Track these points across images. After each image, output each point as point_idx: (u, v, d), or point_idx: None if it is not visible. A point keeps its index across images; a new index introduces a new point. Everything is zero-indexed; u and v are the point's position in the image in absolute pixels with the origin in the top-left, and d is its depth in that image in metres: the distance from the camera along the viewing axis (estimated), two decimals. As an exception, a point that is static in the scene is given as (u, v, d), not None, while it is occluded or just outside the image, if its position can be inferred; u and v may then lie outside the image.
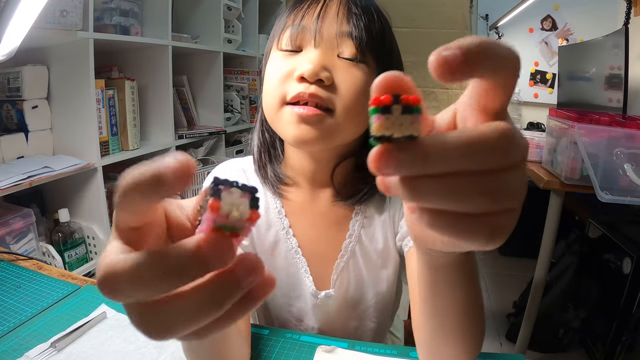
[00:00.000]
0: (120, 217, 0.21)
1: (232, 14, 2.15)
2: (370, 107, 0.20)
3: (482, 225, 0.20)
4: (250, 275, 0.20)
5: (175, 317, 0.19)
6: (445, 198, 0.19)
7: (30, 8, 0.68)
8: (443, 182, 0.19)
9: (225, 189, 0.20)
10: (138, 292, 0.19)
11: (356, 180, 0.62)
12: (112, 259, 0.19)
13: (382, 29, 0.57)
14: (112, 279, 0.19)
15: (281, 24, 0.59)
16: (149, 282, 0.18)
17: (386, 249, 0.63)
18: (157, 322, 0.20)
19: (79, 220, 1.51)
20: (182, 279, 0.18)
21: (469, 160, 0.19)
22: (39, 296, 0.67)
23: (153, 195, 0.19)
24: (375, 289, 0.64)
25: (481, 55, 0.18)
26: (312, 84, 0.51)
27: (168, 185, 0.18)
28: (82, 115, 1.42)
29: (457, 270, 0.34)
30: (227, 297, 0.19)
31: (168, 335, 0.20)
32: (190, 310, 0.19)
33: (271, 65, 0.57)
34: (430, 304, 0.39)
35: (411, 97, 0.20)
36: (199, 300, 0.19)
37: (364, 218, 0.63)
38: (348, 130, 0.55)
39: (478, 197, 0.19)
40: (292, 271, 0.63)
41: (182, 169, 0.18)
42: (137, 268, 0.18)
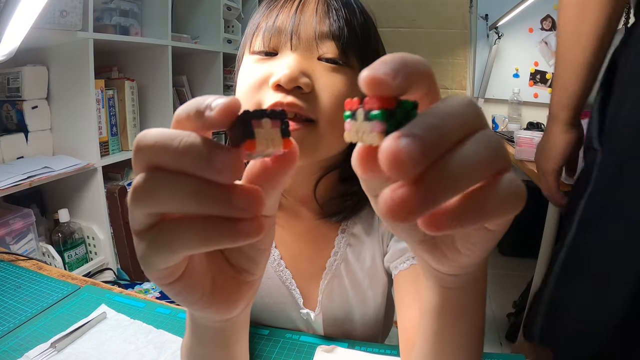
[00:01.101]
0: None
1: (231, 14, 2.15)
2: (344, 111, 0.20)
3: (501, 189, 0.19)
4: (247, 207, 0.20)
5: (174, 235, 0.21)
6: (454, 183, 0.18)
7: (30, 8, 0.68)
8: (445, 171, 0.18)
9: (256, 122, 0.20)
10: (162, 154, 0.20)
11: (342, 194, 0.57)
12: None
13: (365, 26, 0.51)
14: (150, 133, 0.21)
15: (254, 24, 0.52)
16: (179, 153, 0.20)
17: (374, 269, 0.59)
18: (159, 239, 0.21)
19: (78, 220, 1.51)
20: (200, 167, 0.19)
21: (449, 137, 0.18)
22: (38, 296, 0.67)
23: (199, 123, 0.20)
24: (362, 310, 0.61)
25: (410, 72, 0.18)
26: (290, 93, 0.45)
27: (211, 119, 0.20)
28: (82, 116, 1.42)
29: (464, 295, 0.31)
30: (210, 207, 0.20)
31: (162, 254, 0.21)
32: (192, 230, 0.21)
33: (244, 71, 0.51)
34: (433, 330, 0.35)
35: (376, 100, 0.18)
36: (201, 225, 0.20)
37: (350, 236, 0.59)
38: (332, 142, 0.49)
39: (480, 165, 0.18)
40: (276, 283, 0.60)
41: (226, 107, 0.20)
42: (175, 135, 0.20)
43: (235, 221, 0.20)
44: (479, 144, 0.19)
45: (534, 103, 2.60)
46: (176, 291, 0.25)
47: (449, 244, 0.25)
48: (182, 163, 0.20)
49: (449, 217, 0.19)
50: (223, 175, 0.19)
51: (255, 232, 0.20)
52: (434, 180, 0.17)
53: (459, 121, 0.18)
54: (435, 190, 0.17)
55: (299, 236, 0.60)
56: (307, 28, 0.48)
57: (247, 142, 0.19)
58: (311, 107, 0.46)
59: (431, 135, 0.17)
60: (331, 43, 0.48)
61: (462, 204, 0.19)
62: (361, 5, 0.53)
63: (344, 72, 0.49)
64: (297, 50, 0.48)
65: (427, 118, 0.18)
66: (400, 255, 0.55)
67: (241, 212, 0.20)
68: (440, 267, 0.27)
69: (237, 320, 0.33)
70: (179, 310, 0.65)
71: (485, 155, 0.19)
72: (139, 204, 0.21)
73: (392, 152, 0.17)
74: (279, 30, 0.48)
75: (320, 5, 0.49)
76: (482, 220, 0.19)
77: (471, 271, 0.28)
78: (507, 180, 0.19)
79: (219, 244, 0.21)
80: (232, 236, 0.20)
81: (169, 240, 0.21)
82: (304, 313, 0.60)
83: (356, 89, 0.19)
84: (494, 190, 0.19)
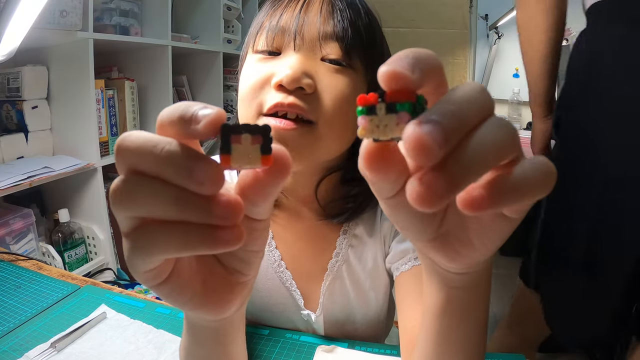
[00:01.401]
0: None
1: (231, 14, 2.15)
2: (357, 107, 0.19)
3: (535, 167, 0.20)
4: (227, 215, 0.20)
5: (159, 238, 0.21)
6: (476, 165, 0.19)
7: (30, 8, 0.68)
8: (467, 154, 0.18)
9: (235, 138, 0.19)
10: (143, 160, 0.20)
11: (343, 196, 0.57)
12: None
13: (370, 28, 0.51)
14: (131, 137, 0.20)
15: (257, 23, 0.52)
16: (159, 158, 0.20)
17: (375, 270, 0.59)
18: (145, 240, 0.21)
19: (78, 220, 1.51)
20: (181, 178, 0.20)
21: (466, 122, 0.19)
22: (38, 296, 0.67)
23: (182, 131, 0.21)
24: (364, 311, 0.60)
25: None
26: (292, 93, 0.45)
27: (193, 129, 0.20)
28: (82, 116, 1.42)
29: (470, 294, 0.31)
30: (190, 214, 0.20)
31: (148, 254, 0.21)
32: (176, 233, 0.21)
33: (246, 70, 0.50)
34: (436, 330, 0.35)
35: (399, 93, 0.18)
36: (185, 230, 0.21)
37: (352, 237, 0.59)
38: (332, 144, 0.49)
39: (498, 147, 0.19)
40: (276, 284, 0.60)
41: (210, 120, 0.20)
42: (157, 141, 0.20)
43: (214, 228, 0.20)
44: (495, 127, 0.19)
45: (534, 103, 2.61)
46: (165, 292, 0.25)
47: (463, 239, 0.25)
48: (162, 171, 0.20)
49: (489, 196, 0.19)
50: (204, 188, 0.19)
51: (235, 240, 0.21)
52: (457, 164, 0.18)
53: (474, 107, 0.19)
54: (459, 173, 0.18)
55: (300, 236, 0.60)
56: (311, 28, 0.48)
57: (222, 157, 0.20)
58: (312, 109, 0.46)
59: (450, 120, 0.18)
60: (335, 44, 0.48)
61: (499, 184, 0.19)
62: (366, 6, 0.53)
63: (347, 73, 0.48)
64: (300, 50, 0.47)
65: (445, 105, 0.18)
66: (402, 257, 0.55)
67: (221, 220, 0.20)
68: (451, 265, 0.27)
69: (232, 320, 0.33)
70: (179, 310, 0.65)
71: (502, 137, 0.19)
72: (119, 207, 0.21)
73: (418, 138, 0.17)
74: (282, 30, 0.48)
75: (325, 6, 0.49)
76: (521, 197, 0.20)
77: (479, 269, 0.28)
78: (537, 159, 0.20)
79: (198, 250, 0.21)
80: (211, 243, 0.20)
81: (148, 243, 0.21)
82: (305, 314, 0.60)
83: (359, 91, 0.19)
84: (524, 170, 0.20)
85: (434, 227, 0.26)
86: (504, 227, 0.24)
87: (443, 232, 0.26)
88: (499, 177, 0.20)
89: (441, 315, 0.33)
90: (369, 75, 0.50)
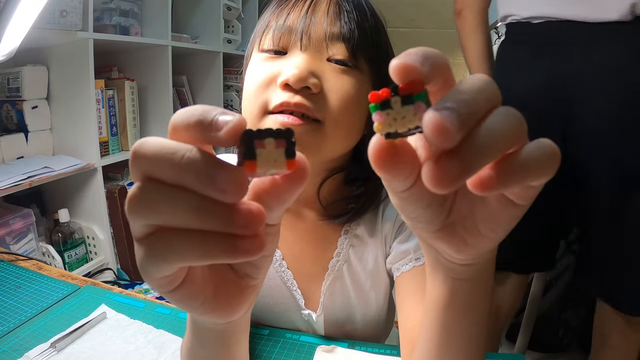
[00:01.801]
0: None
1: (231, 14, 2.15)
2: (369, 104, 0.19)
3: (539, 148, 0.21)
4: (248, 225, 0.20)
5: (174, 246, 0.20)
6: (489, 149, 0.20)
7: (30, 8, 0.68)
8: (480, 139, 0.19)
9: (259, 143, 0.19)
10: (162, 167, 0.20)
11: (345, 197, 0.57)
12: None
13: (376, 29, 0.52)
14: (148, 143, 0.20)
15: (264, 22, 0.52)
16: (178, 166, 0.19)
17: (376, 270, 0.59)
18: (158, 248, 0.21)
19: (78, 220, 1.51)
20: (201, 184, 0.19)
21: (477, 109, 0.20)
22: (38, 296, 0.67)
23: (200, 136, 0.20)
24: (364, 311, 0.60)
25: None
26: (298, 93, 0.45)
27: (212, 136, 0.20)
28: (82, 116, 1.42)
29: (474, 286, 0.31)
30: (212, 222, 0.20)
31: (161, 261, 0.21)
32: (192, 242, 0.20)
33: (252, 69, 0.50)
34: (439, 324, 0.35)
35: (411, 84, 0.19)
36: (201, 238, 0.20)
37: (353, 237, 0.59)
38: (337, 143, 0.50)
39: (508, 132, 0.20)
40: (277, 284, 0.60)
41: (231, 129, 0.19)
42: (177, 148, 0.20)
43: (235, 238, 0.20)
44: (504, 115, 0.21)
45: (534, 103, 2.61)
46: (177, 299, 0.24)
47: (470, 228, 0.26)
48: (183, 178, 0.20)
49: (498, 176, 0.20)
50: (227, 195, 0.19)
51: (256, 250, 0.20)
52: (470, 149, 0.19)
53: (483, 97, 0.20)
54: (472, 157, 0.19)
55: (302, 236, 0.60)
56: (318, 29, 0.48)
57: (247, 163, 0.19)
58: (318, 108, 0.46)
59: (464, 107, 0.19)
60: (341, 45, 0.48)
61: (506, 164, 0.20)
62: (372, 8, 0.53)
63: (352, 74, 0.48)
64: (306, 50, 0.48)
65: (458, 94, 0.19)
66: (402, 257, 0.55)
67: (243, 229, 0.20)
68: (458, 255, 0.28)
69: (239, 322, 0.32)
70: (179, 310, 0.65)
71: (511, 124, 0.20)
72: (135, 215, 0.21)
73: (439, 121, 0.18)
74: (289, 30, 0.48)
75: (332, 7, 0.49)
76: (527, 176, 0.21)
77: (483, 261, 0.29)
78: (541, 141, 0.21)
79: (217, 259, 0.20)
80: (232, 253, 0.20)
81: (165, 250, 0.21)
82: (305, 314, 0.60)
83: (364, 92, 0.20)
84: (530, 151, 0.21)
85: (442, 216, 0.26)
86: (511, 213, 0.24)
87: (451, 222, 0.26)
88: (506, 158, 0.20)
89: (445, 308, 0.33)
90: (374, 77, 0.51)
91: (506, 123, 0.20)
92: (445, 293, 0.32)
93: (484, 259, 0.29)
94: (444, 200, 0.26)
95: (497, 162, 0.20)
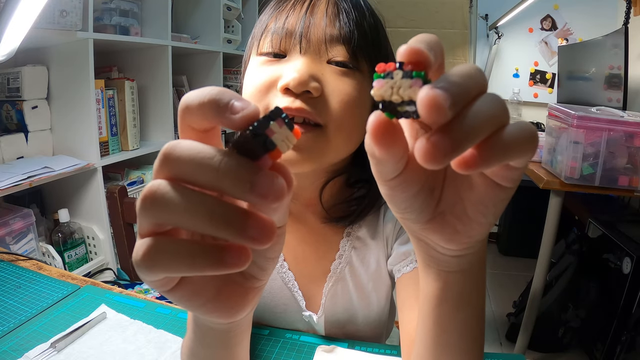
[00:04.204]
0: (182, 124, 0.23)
1: (231, 14, 2.15)
2: (374, 73, 0.21)
3: (516, 130, 0.22)
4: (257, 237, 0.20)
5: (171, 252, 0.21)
6: (476, 130, 0.21)
7: (30, 8, 0.68)
8: (468, 120, 0.21)
9: (269, 132, 0.20)
10: (199, 171, 0.20)
11: (347, 199, 0.57)
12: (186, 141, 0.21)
13: (375, 28, 0.51)
14: (182, 146, 0.21)
15: (262, 25, 0.51)
16: (209, 170, 0.20)
17: (378, 272, 0.59)
18: (157, 251, 0.21)
19: (78, 220, 1.51)
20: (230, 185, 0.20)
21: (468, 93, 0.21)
22: (38, 296, 0.67)
23: (213, 117, 0.21)
24: (365, 313, 0.60)
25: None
26: (298, 97, 0.45)
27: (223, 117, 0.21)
28: (82, 116, 1.42)
29: (467, 278, 0.32)
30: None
31: (156, 263, 0.21)
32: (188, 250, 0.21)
33: (251, 73, 0.50)
34: (434, 320, 0.35)
35: (415, 63, 0.21)
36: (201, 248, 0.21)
37: (355, 239, 0.59)
38: (339, 147, 0.49)
39: (493, 116, 0.21)
40: (279, 285, 0.60)
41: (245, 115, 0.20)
42: (214, 153, 0.20)
43: (223, 252, 0.20)
44: (490, 100, 0.22)
45: (534, 103, 2.61)
46: (176, 298, 0.25)
47: (461, 215, 0.26)
48: (221, 183, 0.20)
49: (480, 156, 0.21)
50: (268, 200, 0.19)
51: (242, 263, 0.20)
52: (460, 127, 0.20)
53: (473, 81, 0.21)
54: (461, 135, 0.20)
55: (304, 239, 0.60)
56: (317, 31, 0.47)
57: (272, 153, 0.20)
58: (319, 112, 0.46)
59: (456, 88, 0.20)
60: (341, 47, 0.47)
61: (488, 144, 0.22)
62: (370, 7, 0.53)
63: (353, 76, 0.48)
64: (306, 53, 0.47)
65: (450, 77, 0.21)
66: (403, 258, 0.55)
67: (253, 242, 0.20)
68: (449, 246, 0.28)
69: (241, 323, 0.32)
70: (179, 310, 0.65)
71: (496, 109, 0.22)
72: (149, 211, 0.21)
73: (433, 97, 0.19)
74: (288, 33, 0.48)
75: (330, 7, 0.48)
76: (508, 155, 0.22)
77: (475, 251, 0.29)
78: (521, 123, 0.23)
79: (204, 272, 0.21)
80: (219, 266, 0.20)
81: (152, 261, 0.21)
82: (306, 315, 0.60)
83: (365, 93, 0.21)
84: (510, 132, 0.22)
85: (432, 205, 0.27)
86: (498, 196, 0.25)
87: (441, 211, 0.27)
88: (489, 138, 0.22)
89: (439, 303, 0.33)
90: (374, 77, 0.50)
91: (492, 107, 0.22)
92: (438, 288, 0.32)
93: (475, 249, 0.29)
94: (433, 188, 0.27)
95: (480, 142, 0.21)
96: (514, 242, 2.50)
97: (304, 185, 0.56)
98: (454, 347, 0.35)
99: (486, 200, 0.25)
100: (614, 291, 1.51)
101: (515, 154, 0.22)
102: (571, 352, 1.69)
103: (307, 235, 0.59)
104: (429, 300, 0.33)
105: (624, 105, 1.62)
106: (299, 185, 0.56)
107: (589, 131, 1.28)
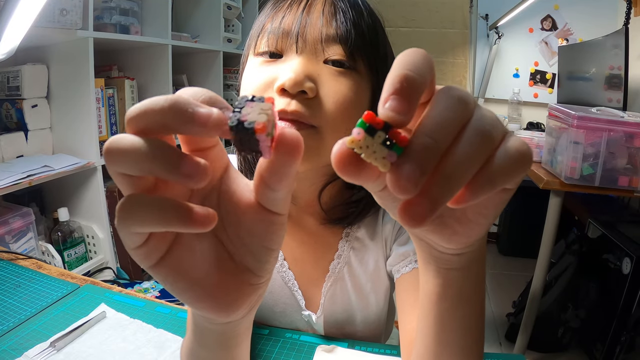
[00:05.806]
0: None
1: (232, 13, 2.15)
2: (361, 118, 0.20)
3: (507, 151, 0.21)
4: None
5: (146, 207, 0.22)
6: (455, 180, 0.20)
7: (30, 7, 0.68)
8: (444, 175, 0.20)
9: (243, 116, 0.21)
10: (151, 121, 0.21)
11: (346, 201, 0.57)
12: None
13: (373, 29, 0.50)
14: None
15: (259, 25, 0.51)
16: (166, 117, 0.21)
17: (376, 273, 0.59)
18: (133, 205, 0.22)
19: (78, 219, 1.51)
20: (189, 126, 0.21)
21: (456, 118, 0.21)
22: (38, 295, 0.67)
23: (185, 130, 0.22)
24: (364, 313, 0.61)
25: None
26: (294, 97, 0.45)
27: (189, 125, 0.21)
28: (82, 114, 1.42)
29: (467, 275, 0.32)
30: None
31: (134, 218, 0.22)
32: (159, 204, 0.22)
33: (249, 74, 0.50)
34: (434, 317, 0.35)
35: (401, 136, 0.20)
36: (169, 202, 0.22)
37: (354, 240, 0.59)
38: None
39: (476, 154, 0.21)
40: (279, 284, 0.60)
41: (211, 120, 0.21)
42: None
43: (190, 208, 0.22)
44: (473, 137, 0.21)
45: (534, 103, 2.61)
46: (161, 276, 0.25)
47: (459, 216, 0.26)
48: (165, 119, 0.21)
49: (471, 191, 0.21)
50: (207, 126, 0.21)
51: (207, 221, 0.22)
52: (436, 185, 0.20)
53: (451, 127, 0.21)
54: (439, 193, 0.20)
55: (303, 240, 0.60)
56: (314, 31, 0.47)
57: (259, 129, 0.21)
58: (314, 114, 0.45)
59: (426, 154, 0.20)
60: (338, 46, 0.47)
61: (476, 180, 0.21)
62: (369, 7, 0.52)
63: (350, 76, 0.48)
64: (302, 53, 0.47)
65: (422, 139, 0.20)
66: (402, 259, 0.55)
67: (187, 178, 0.21)
68: (449, 245, 0.28)
69: (239, 324, 0.32)
70: (178, 310, 0.65)
71: (480, 146, 0.21)
72: (110, 162, 0.22)
73: (396, 182, 0.19)
74: (284, 32, 0.48)
75: (327, 7, 0.48)
76: (499, 184, 0.21)
77: (474, 249, 0.29)
78: (511, 147, 0.21)
79: (172, 225, 0.22)
80: (185, 220, 0.22)
81: (127, 213, 0.22)
82: (306, 315, 0.60)
83: (362, 93, 0.20)
84: (499, 160, 0.21)
85: None
86: (499, 198, 0.25)
87: (439, 215, 0.26)
88: (476, 174, 0.21)
89: (439, 301, 0.33)
90: (372, 77, 0.50)
91: (474, 148, 0.21)
92: (438, 285, 0.32)
93: (475, 246, 0.29)
94: None
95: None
96: (514, 242, 2.50)
97: (303, 187, 0.56)
98: (454, 344, 0.35)
99: (486, 202, 0.25)
100: (614, 291, 1.51)
101: (508, 179, 0.21)
102: (571, 352, 1.69)
103: (306, 237, 0.60)
104: (429, 297, 0.33)
105: (624, 106, 1.62)
106: (299, 188, 0.56)
107: (589, 131, 1.28)
